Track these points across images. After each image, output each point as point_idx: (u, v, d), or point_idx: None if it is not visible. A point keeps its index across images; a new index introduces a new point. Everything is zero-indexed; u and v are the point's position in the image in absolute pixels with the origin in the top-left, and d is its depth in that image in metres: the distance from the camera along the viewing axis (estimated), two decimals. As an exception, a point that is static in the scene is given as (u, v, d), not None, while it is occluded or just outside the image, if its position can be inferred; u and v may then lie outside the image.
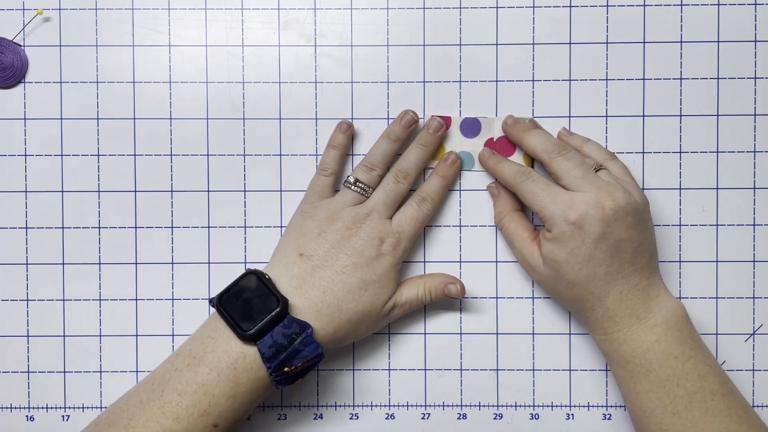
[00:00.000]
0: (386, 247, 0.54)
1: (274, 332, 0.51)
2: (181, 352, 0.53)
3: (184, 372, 0.51)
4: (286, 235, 0.56)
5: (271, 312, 0.51)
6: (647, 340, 0.52)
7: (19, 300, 0.59)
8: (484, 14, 0.59)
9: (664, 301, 0.53)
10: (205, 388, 0.50)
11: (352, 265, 0.53)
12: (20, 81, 0.59)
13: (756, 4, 0.58)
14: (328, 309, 0.53)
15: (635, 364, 0.52)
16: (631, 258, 0.52)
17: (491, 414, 0.59)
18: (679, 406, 0.51)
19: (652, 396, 0.52)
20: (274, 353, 0.51)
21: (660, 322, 0.52)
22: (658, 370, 0.52)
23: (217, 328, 0.52)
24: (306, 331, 0.51)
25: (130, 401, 0.52)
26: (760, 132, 0.59)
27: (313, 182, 0.57)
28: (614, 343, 0.53)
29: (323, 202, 0.55)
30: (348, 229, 0.54)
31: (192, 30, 0.59)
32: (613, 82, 0.59)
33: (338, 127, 0.57)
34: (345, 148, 0.57)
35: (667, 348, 0.52)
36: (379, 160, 0.56)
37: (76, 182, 0.59)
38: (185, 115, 0.59)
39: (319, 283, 0.53)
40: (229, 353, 0.51)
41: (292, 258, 0.54)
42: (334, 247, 0.54)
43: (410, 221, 0.56)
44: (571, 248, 0.52)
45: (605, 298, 0.53)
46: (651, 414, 0.52)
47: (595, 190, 0.52)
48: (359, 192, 0.55)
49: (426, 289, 0.57)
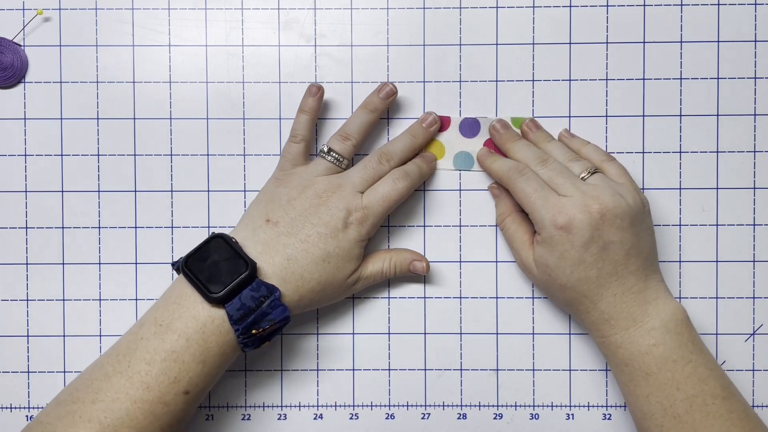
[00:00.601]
0: (352, 220, 0.54)
1: (243, 295, 0.50)
2: (145, 321, 0.52)
3: (151, 340, 0.50)
4: (256, 200, 0.56)
5: (240, 275, 0.51)
6: (645, 343, 0.52)
7: (19, 300, 0.59)
8: (484, 14, 0.59)
9: (662, 304, 0.53)
10: (174, 355, 0.50)
11: (317, 235, 0.53)
12: (20, 81, 0.59)
13: (756, 4, 0.58)
14: (292, 276, 0.52)
15: (634, 367, 0.52)
16: (623, 260, 0.52)
17: (491, 414, 0.59)
18: (680, 410, 0.51)
19: (651, 399, 0.52)
20: (242, 315, 0.50)
21: (658, 326, 0.52)
22: (657, 374, 0.51)
23: (182, 293, 0.52)
24: (274, 294, 0.51)
25: (94, 375, 0.50)
26: (760, 132, 0.59)
27: (285, 149, 0.56)
28: (612, 346, 0.53)
29: (297, 170, 0.55)
30: (318, 197, 0.54)
31: (192, 30, 0.59)
32: (613, 82, 0.59)
33: (308, 90, 0.57)
34: (315, 112, 0.57)
35: (666, 352, 0.52)
36: (354, 130, 0.56)
37: (76, 182, 0.59)
38: (185, 115, 0.59)
39: (284, 250, 0.53)
40: (197, 318, 0.50)
41: (258, 223, 0.54)
42: (302, 215, 0.53)
43: (381, 198, 0.55)
44: (561, 252, 0.52)
45: (599, 301, 0.53)
46: (651, 417, 0.52)
47: (581, 195, 0.52)
48: (333, 162, 0.55)
49: (391, 263, 0.57)
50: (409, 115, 0.59)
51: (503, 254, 0.59)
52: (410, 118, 0.59)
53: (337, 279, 0.54)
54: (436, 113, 0.58)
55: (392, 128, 0.59)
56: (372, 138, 0.59)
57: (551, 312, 0.59)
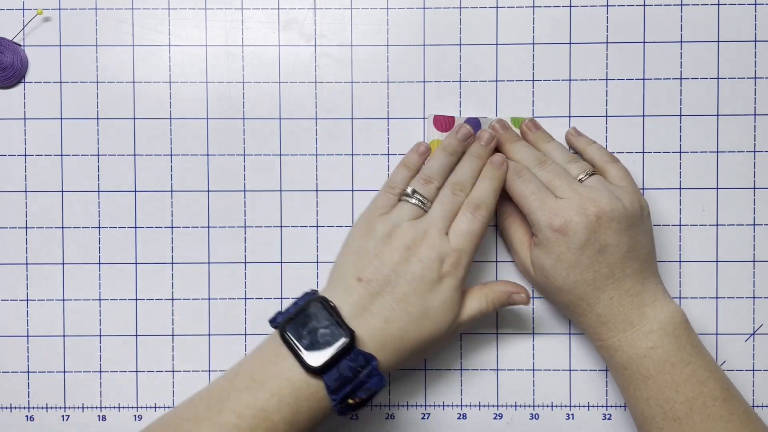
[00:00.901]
0: (447, 268, 0.52)
1: (341, 365, 0.49)
2: (240, 371, 0.50)
3: (243, 394, 0.49)
4: (343, 255, 0.53)
5: (338, 344, 0.49)
6: (643, 346, 0.52)
7: (19, 300, 0.59)
8: (484, 14, 0.59)
9: (660, 307, 0.53)
10: (265, 413, 0.49)
11: (413, 292, 0.51)
12: (20, 81, 0.59)
13: (756, 4, 0.58)
14: (391, 340, 0.51)
15: (632, 370, 0.52)
16: (620, 263, 0.52)
17: (491, 414, 0.59)
18: (679, 413, 0.51)
19: (651, 402, 0.52)
20: (339, 385, 0.49)
21: (656, 329, 0.52)
22: (656, 377, 0.51)
23: (279, 352, 0.50)
24: (371, 364, 0.50)
25: (184, 416, 0.50)
26: (760, 132, 0.59)
27: (376, 199, 0.54)
28: (610, 349, 0.53)
29: (382, 218, 0.53)
30: (407, 248, 0.51)
31: (192, 30, 0.59)
32: (613, 82, 0.59)
33: (416, 147, 0.56)
34: (417, 170, 0.56)
35: (664, 354, 0.51)
36: (437, 172, 0.55)
37: (76, 182, 0.59)
38: (185, 115, 0.59)
39: (380, 312, 0.51)
40: (292, 381, 0.49)
41: (350, 282, 0.52)
42: (394, 272, 0.51)
43: (467, 235, 0.52)
44: (557, 254, 0.52)
45: (595, 304, 0.53)
46: (652, 420, 0.52)
47: (578, 197, 0.52)
48: (418, 204, 0.53)
49: (489, 302, 0.54)
50: (409, 115, 0.59)
51: (503, 254, 0.59)
52: (410, 118, 0.59)
53: (439, 333, 0.52)
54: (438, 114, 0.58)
55: (392, 128, 0.59)
56: (371, 137, 0.59)
57: (551, 312, 0.59)
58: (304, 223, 0.59)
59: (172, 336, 0.59)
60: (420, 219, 0.53)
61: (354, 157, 0.59)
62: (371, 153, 0.59)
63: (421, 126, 0.59)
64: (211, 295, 0.59)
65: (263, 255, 0.59)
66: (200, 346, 0.59)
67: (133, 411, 0.59)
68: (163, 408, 0.59)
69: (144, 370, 0.59)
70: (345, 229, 0.59)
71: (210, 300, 0.59)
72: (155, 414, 0.59)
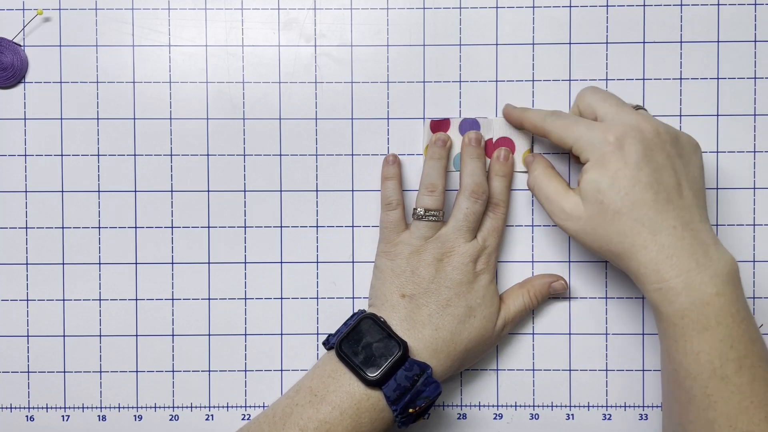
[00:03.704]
0: (480, 266, 0.55)
1: (398, 376, 0.51)
2: (300, 388, 0.52)
3: (306, 408, 0.51)
4: (380, 279, 0.55)
5: (393, 356, 0.51)
6: (707, 292, 0.47)
7: (19, 300, 0.59)
8: (484, 14, 0.59)
9: (722, 251, 0.48)
10: (327, 426, 0.50)
11: (456, 296, 0.54)
12: (20, 81, 0.59)
13: (756, 4, 0.58)
14: (443, 345, 0.53)
15: (691, 319, 0.47)
16: (676, 189, 0.49)
17: (491, 414, 0.59)
18: (729, 370, 0.47)
19: (702, 357, 0.47)
20: (398, 396, 0.51)
21: (720, 273, 0.47)
22: (715, 328, 0.47)
23: (337, 368, 0.52)
24: (426, 372, 0.52)
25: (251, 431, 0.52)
26: (760, 132, 0.59)
27: (382, 220, 0.56)
28: (670, 292, 0.47)
29: (402, 238, 0.55)
30: (440, 261, 0.54)
31: (192, 30, 0.59)
32: (613, 81, 0.59)
33: (384, 161, 0.57)
34: (399, 176, 0.57)
35: (726, 304, 0.47)
36: (436, 178, 0.56)
37: (76, 182, 0.59)
38: (185, 115, 0.59)
39: (429, 321, 0.53)
40: (352, 395, 0.51)
41: (394, 300, 0.54)
42: (434, 283, 0.54)
43: (492, 233, 0.56)
44: (614, 171, 0.48)
45: (659, 232, 0.48)
46: (696, 377, 0.48)
47: (633, 115, 0.50)
48: (432, 220, 0.55)
49: (531, 296, 0.57)
50: (409, 115, 0.59)
51: (503, 254, 0.59)
52: (410, 118, 0.59)
53: (487, 329, 0.55)
54: (434, 117, 0.58)
55: (392, 128, 0.59)
56: (371, 137, 0.59)
57: (552, 312, 0.59)
58: (304, 223, 0.59)
59: (172, 336, 0.59)
60: (445, 231, 0.55)
61: (354, 157, 0.59)
62: (371, 153, 0.59)
63: (421, 126, 0.59)
64: (211, 295, 0.59)
65: (263, 255, 0.59)
66: (200, 346, 0.59)
67: (133, 411, 0.59)
68: (163, 408, 0.59)
69: (144, 370, 0.59)
70: (345, 229, 0.59)
71: (210, 300, 0.59)
72: (155, 414, 0.59)
